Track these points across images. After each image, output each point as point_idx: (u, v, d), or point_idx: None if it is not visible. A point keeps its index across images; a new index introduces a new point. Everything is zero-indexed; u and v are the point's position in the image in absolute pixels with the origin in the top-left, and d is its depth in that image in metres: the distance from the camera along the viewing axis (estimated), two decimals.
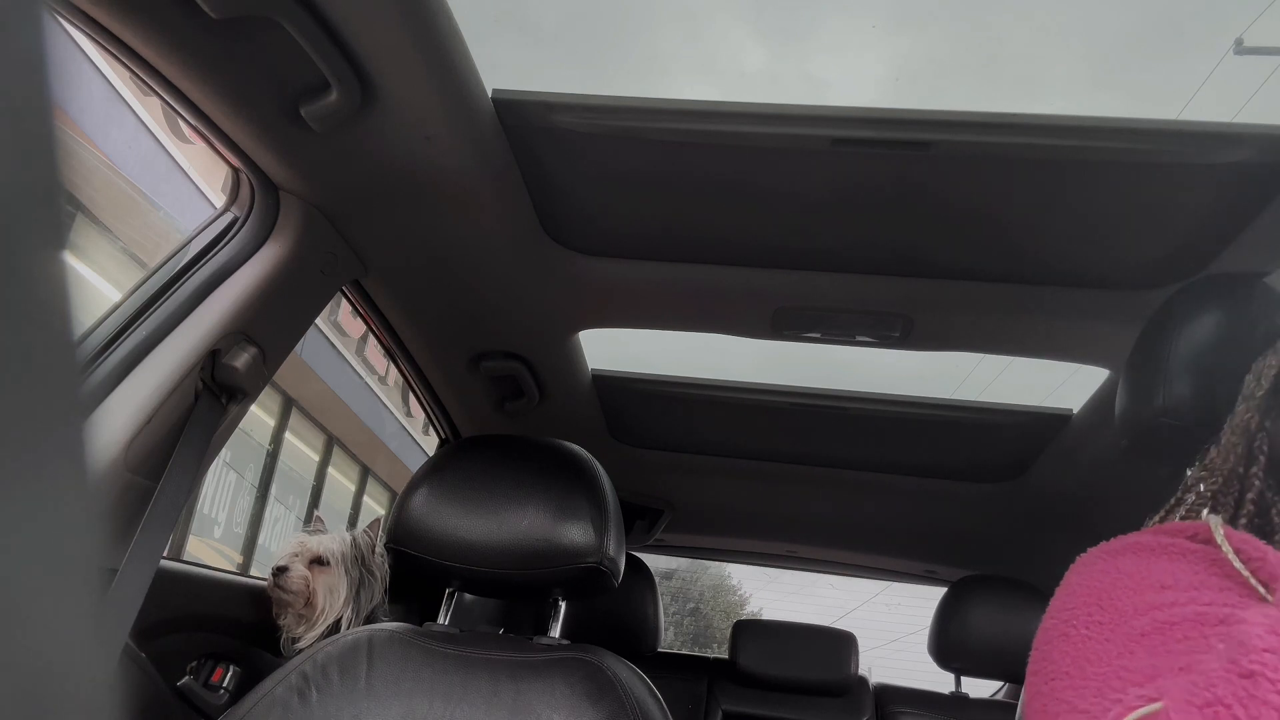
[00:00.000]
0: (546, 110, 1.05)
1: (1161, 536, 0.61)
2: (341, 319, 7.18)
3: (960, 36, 28.25)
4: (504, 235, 1.28)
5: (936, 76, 25.82)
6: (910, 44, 26.06)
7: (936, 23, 28.60)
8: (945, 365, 1.66)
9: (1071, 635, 0.56)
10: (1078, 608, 0.58)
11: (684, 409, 1.90)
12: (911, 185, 1.10)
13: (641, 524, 2.49)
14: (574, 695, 0.99)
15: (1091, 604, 0.57)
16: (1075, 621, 0.57)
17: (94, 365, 1.03)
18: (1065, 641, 0.56)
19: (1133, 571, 0.58)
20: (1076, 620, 0.57)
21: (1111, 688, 0.51)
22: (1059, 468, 1.81)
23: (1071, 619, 0.57)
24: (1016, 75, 26.43)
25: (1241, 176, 1.01)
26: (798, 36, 27.37)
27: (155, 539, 1.00)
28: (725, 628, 9.40)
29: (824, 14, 30.38)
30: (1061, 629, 0.58)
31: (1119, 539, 0.63)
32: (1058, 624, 0.59)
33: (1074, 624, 0.57)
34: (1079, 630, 0.56)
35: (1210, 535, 0.58)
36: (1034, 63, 27.27)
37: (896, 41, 25.51)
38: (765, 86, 27.60)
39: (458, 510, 1.09)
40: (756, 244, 1.28)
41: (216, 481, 6.53)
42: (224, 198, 1.18)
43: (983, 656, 1.93)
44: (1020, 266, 1.25)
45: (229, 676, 1.44)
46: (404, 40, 0.90)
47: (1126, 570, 0.58)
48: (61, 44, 0.18)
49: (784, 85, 26.68)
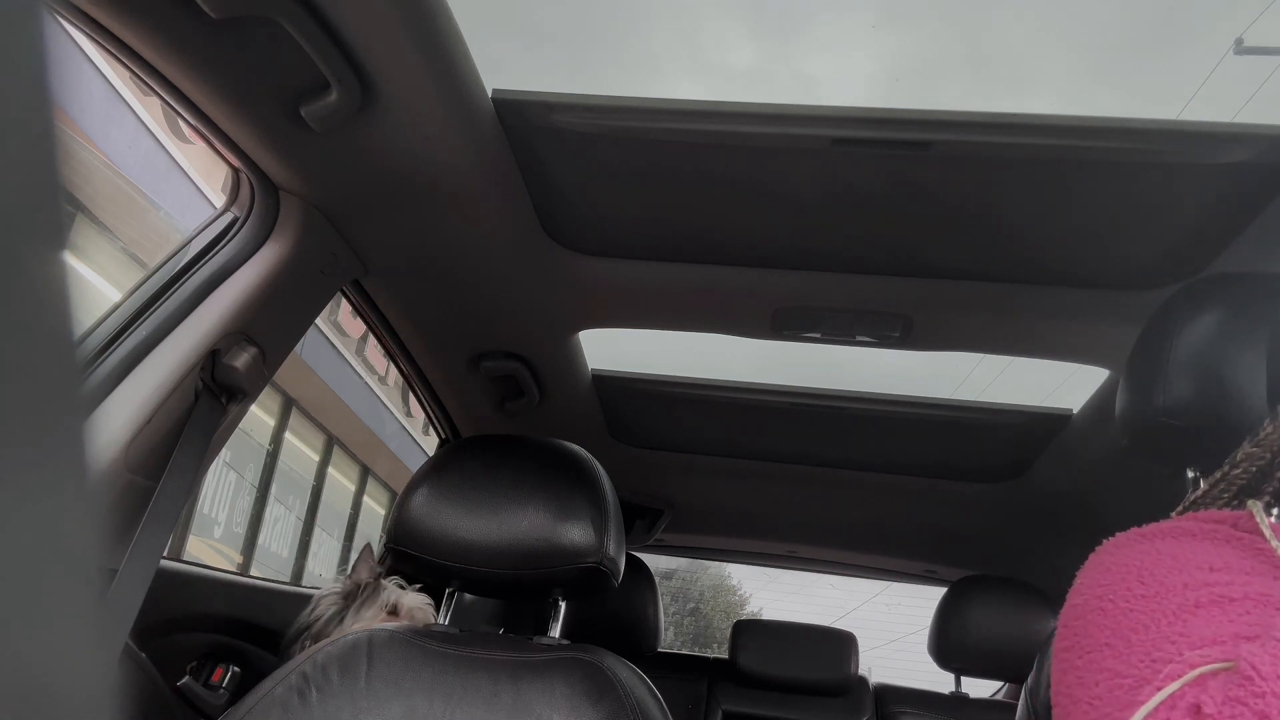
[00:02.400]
0: (546, 110, 1.04)
1: (1201, 523, 0.58)
2: (341, 319, 7.18)
3: (955, 34, 28.25)
4: (504, 235, 1.28)
5: (935, 75, 25.80)
6: (905, 42, 26.06)
7: (931, 20, 28.60)
8: (945, 365, 1.66)
9: (1109, 609, 0.53)
10: (1114, 584, 0.55)
11: (684, 409, 1.90)
12: (911, 185, 1.10)
13: (641, 524, 2.49)
14: (574, 695, 0.99)
15: (1131, 579, 0.54)
16: (1113, 596, 0.54)
17: (94, 365, 1.03)
18: (1101, 615, 0.53)
19: (1175, 553, 0.54)
20: (1115, 595, 0.54)
21: (1163, 651, 0.48)
22: (1059, 468, 1.81)
23: (1108, 594, 0.54)
24: (1012, 73, 26.44)
25: (1241, 176, 1.01)
26: (789, 35, 27.37)
27: (155, 539, 1.00)
28: (725, 628, 9.40)
29: (815, 11, 30.37)
30: (1096, 604, 0.55)
31: (1149, 526, 0.60)
32: (1091, 599, 0.56)
33: (1111, 598, 0.54)
34: (1117, 604, 0.53)
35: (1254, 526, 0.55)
36: (1030, 61, 27.27)
37: (891, 40, 25.52)
38: (757, 85, 27.60)
39: (458, 510, 1.09)
40: (756, 244, 1.28)
41: (216, 481, 6.53)
42: (224, 198, 1.18)
43: (983, 656, 1.93)
44: (1020, 266, 1.25)
45: (229, 676, 1.44)
46: (404, 40, 0.90)
47: (1168, 551, 0.55)
48: (61, 44, 0.18)
49: (777, 83, 26.68)
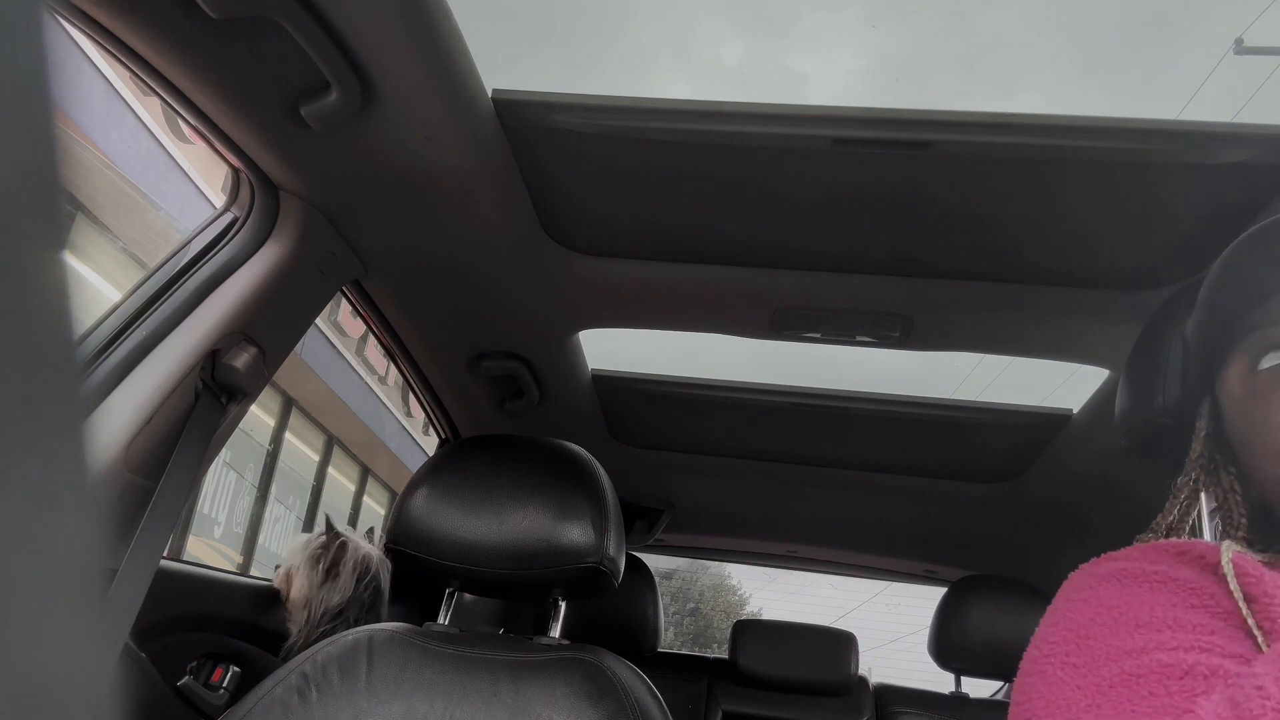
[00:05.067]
0: (546, 110, 1.04)
1: (1147, 561, 0.59)
2: (341, 319, 7.18)
3: (950, 33, 28.31)
4: (504, 235, 1.28)
5: (928, 72, 25.85)
6: (901, 41, 26.11)
7: (927, 18, 28.66)
8: (945, 365, 1.67)
9: (1047, 674, 0.56)
10: (1057, 643, 0.57)
11: (684, 409, 1.90)
12: (911, 185, 1.10)
13: (641, 524, 2.49)
14: (574, 695, 0.99)
15: (1070, 641, 0.56)
16: (1053, 658, 0.56)
17: (94, 365, 1.03)
18: (1041, 680, 0.56)
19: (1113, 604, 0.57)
20: (1054, 657, 0.56)
21: None
22: (1059, 468, 1.81)
23: (1050, 654, 0.57)
24: (1008, 71, 26.48)
25: (1241, 176, 1.01)
26: (777, 33, 27.45)
27: (155, 539, 1.00)
28: (725, 628, 9.40)
29: (804, 9, 30.50)
30: (1040, 665, 0.57)
31: (1108, 560, 0.62)
32: (1037, 657, 0.58)
33: (1051, 661, 0.56)
34: (1054, 671, 0.55)
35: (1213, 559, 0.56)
36: (1025, 58, 27.33)
37: (887, 37, 25.56)
38: (748, 81, 27.71)
39: (458, 510, 1.09)
40: (756, 244, 1.28)
41: (216, 481, 6.53)
42: (224, 198, 1.18)
43: (983, 657, 1.93)
44: (1020, 266, 1.25)
45: (229, 676, 1.44)
46: (404, 40, 0.90)
47: (1107, 603, 0.57)
48: (61, 44, 0.18)
49: (767, 79, 26.78)
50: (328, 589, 1.58)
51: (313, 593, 1.58)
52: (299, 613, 1.58)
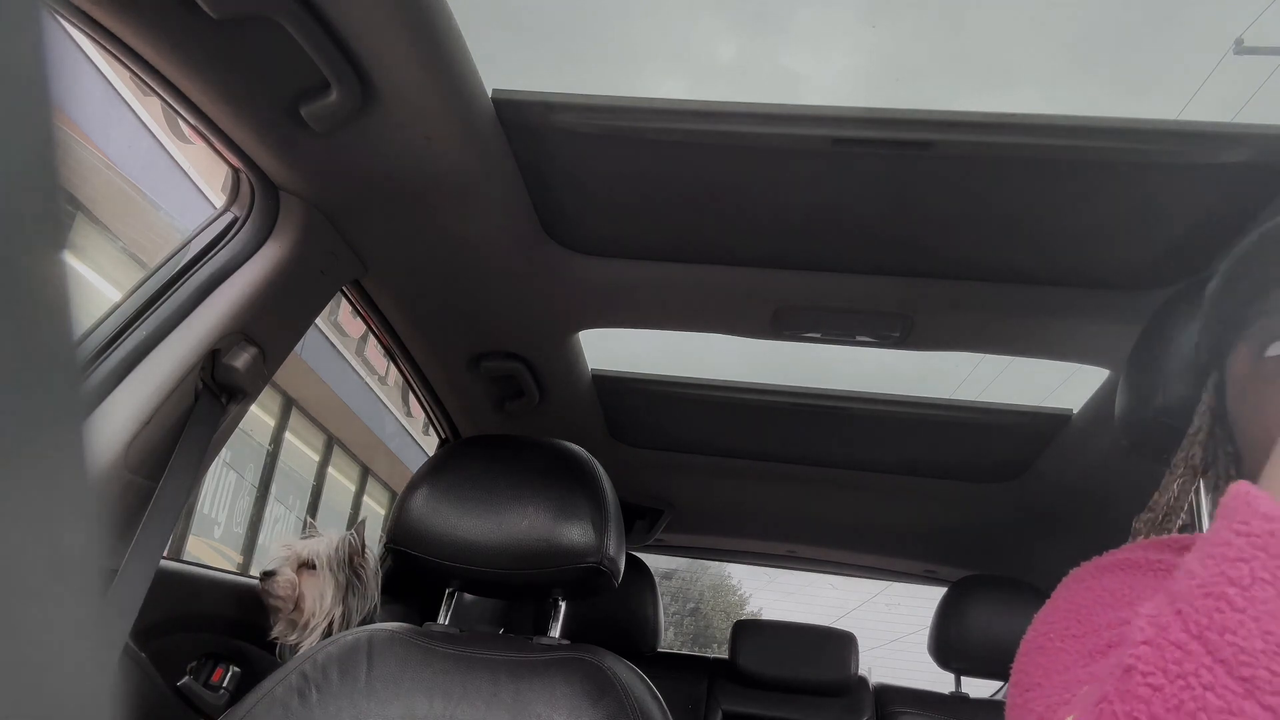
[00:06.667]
0: (546, 110, 1.04)
1: (1150, 552, 0.60)
2: (341, 319, 7.17)
3: (950, 31, 28.32)
4: (504, 235, 1.28)
5: (924, 70, 25.86)
6: (901, 40, 26.11)
7: (927, 17, 28.68)
8: (945, 365, 1.67)
9: (1046, 648, 0.56)
10: (1056, 622, 0.58)
11: (684, 409, 1.90)
12: (911, 185, 1.10)
13: (641, 524, 2.49)
14: (574, 695, 0.99)
15: (1071, 619, 0.57)
16: (1053, 634, 0.57)
17: (94, 365, 1.03)
18: (1040, 654, 0.57)
19: (1115, 589, 0.57)
20: (1054, 633, 0.57)
21: (1070, 693, 0.51)
22: (1059, 468, 1.81)
23: (1049, 632, 0.58)
24: (1008, 71, 26.50)
25: (1241, 176, 1.01)
26: (772, 31, 27.45)
27: (155, 539, 1.00)
28: (725, 628, 9.39)
29: (802, 7, 30.51)
30: (1039, 642, 0.58)
31: (1110, 554, 0.63)
32: (1036, 637, 0.59)
33: (1050, 636, 0.57)
34: (1054, 643, 0.56)
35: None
36: (1026, 58, 27.34)
37: (887, 37, 25.56)
38: (745, 79, 27.70)
39: (458, 510, 1.09)
40: (756, 244, 1.28)
41: (216, 481, 6.53)
42: (224, 198, 1.18)
43: (983, 656, 1.93)
44: (1020, 266, 1.25)
45: (229, 676, 1.44)
46: (404, 40, 0.90)
47: (1109, 588, 0.58)
48: (61, 44, 0.18)
49: (761, 76, 26.78)
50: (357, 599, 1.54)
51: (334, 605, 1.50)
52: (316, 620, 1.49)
